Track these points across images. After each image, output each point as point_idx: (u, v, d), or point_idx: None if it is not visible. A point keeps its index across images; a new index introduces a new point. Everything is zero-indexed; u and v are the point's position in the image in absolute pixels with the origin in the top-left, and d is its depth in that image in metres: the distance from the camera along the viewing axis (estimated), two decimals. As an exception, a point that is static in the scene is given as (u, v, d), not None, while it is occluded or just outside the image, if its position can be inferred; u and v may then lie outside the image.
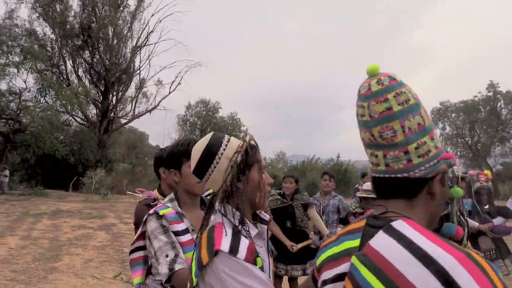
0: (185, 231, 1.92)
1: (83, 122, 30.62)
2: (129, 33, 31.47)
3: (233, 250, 1.19)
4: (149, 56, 32.55)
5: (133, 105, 32.35)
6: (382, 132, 1.01)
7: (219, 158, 1.33)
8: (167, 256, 1.79)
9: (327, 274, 1.06)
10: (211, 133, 1.42)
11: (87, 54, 30.90)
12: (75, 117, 30.14)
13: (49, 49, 29.28)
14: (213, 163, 1.34)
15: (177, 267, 1.75)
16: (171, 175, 2.08)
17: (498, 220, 5.50)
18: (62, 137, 26.19)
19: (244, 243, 1.22)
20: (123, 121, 32.90)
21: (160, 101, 32.27)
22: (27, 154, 26.09)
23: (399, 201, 1.02)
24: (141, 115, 32.15)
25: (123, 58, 31.59)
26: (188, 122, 42.13)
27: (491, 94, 41.23)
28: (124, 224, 11.96)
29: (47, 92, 26.03)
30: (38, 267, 6.77)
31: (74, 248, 8.33)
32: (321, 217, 5.03)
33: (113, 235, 10.03)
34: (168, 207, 1.97)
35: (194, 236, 1.91)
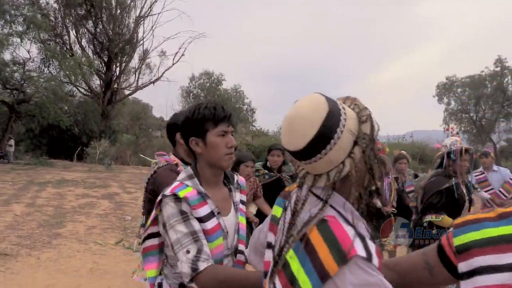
0: (210, 215, 1.60)
1: (87, 93, 30.67)
2: (132, 3, 31.07)
3: (369, 255, 0.91)
4: (152, 26, 32.32)
5: (137, 76, 32.29)
6: None
7: (341, 132, 0.98)
8: (188, 252, 1.48)
9: (495, 259, 0.85)
10: (318, 95, 1.04)
11: (90, 24, 30.63)
12: (79, 88, 30.18)
13: (52, 18, 29.02)
14: (333, 138, 0.98)
15: (201, 265, 1.46)
16: (192, 145, 1.66)
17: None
18: (66, 107, 26.31)
19: (372, 246, 0.95)
20: (126, 92, 32.89)
21: (164, 73, 32.19)
22: (32, 124, 26.28)
23: None
24: (144, 87, 32.11)
25: (126, 28, 31.31)
26: (191, 94, 42.11)
27: (498, 69, 40.71)
28: (127, 193, 12.20)
29: (51, 62, 25.97)
30: (42, 233, 7.00)
31: (77, 216, 8.56)
32: None
33: (116, 204, 10.26)
34: (188, 186, 1.62)
35: (220, 220, 1.63)
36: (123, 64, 31.55)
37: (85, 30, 30.71)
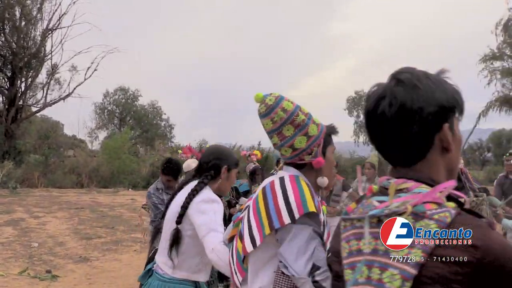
0: None
1: (-12, 111, 28.24)
2: (39, 15, 29.32)
3: None
4: (61, 40, 30.57)
5: (45, 92, 30.29)
6: None
7: None
8: None
9: None
10: None
11: (-10, 36, 28.39)
12: (-23, 105, 27.70)
13: None
14: None
15: None
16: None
17: None
18: (-38, 127, 23.98)
19: None
20: (33, 109, 30.78)
21: (75, 88, 30.53)
22: None
23: None
24: (53, 103, 30.26)
25: (32, 41, 29.36)
26: (106, 111, 40.53)
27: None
28: (34, 218, 11.38)
29: None
30: None
31: (-25, 246, 7.85)
32: None
33: (21, 230, 9.54)
34: None
35: None
36: (29, 79, 29.51)
37: (-15, 43, 28.38)
